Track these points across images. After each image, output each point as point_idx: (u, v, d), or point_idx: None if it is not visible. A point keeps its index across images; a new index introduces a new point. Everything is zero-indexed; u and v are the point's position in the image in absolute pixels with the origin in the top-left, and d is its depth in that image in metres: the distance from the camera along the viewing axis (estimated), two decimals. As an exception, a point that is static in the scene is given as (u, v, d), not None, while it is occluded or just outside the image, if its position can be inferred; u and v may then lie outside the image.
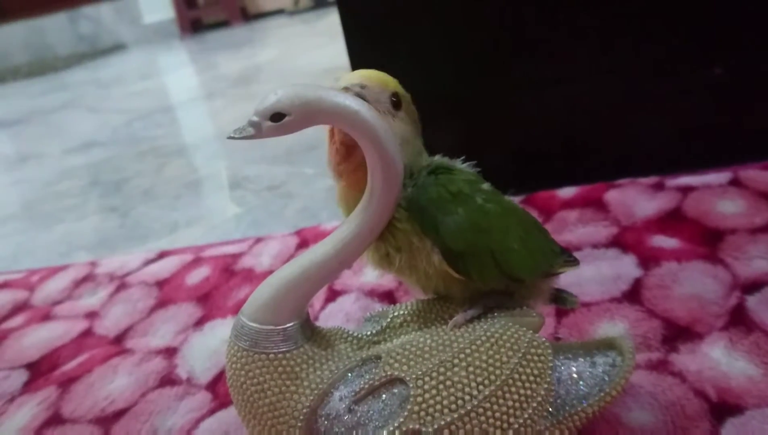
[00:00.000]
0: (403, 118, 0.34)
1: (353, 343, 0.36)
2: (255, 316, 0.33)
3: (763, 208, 0.58)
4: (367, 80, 0.33)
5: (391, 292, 0.57)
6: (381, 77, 0.34)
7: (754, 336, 0.43)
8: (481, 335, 0.33)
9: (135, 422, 0.48)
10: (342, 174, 0.34)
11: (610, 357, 0.36)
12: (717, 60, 0.67)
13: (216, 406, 0.48)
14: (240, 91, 1.69)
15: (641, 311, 0.48)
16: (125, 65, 2.79)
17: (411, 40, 0.72)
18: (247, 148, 1.20)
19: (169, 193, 1.05)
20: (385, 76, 0.34)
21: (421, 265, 0.33)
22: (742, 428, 0.36)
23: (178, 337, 0.58)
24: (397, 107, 0.34)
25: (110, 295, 0.68)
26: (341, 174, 0.34)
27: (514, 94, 0.73)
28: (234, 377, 0.34)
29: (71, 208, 1.09)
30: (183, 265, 0.71)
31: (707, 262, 0.52)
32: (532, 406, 0.32)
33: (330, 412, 0.33)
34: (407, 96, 0.35)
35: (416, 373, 0.32)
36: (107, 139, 1.51)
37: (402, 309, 0.38)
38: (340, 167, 0.34)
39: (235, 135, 0.29)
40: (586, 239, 0.58)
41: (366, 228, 0.32)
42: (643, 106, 0.71)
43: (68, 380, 0.54)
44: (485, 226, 0.33)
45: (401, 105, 0.34)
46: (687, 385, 0.40)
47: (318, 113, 0.29)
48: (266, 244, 0.72)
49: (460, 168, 0.35)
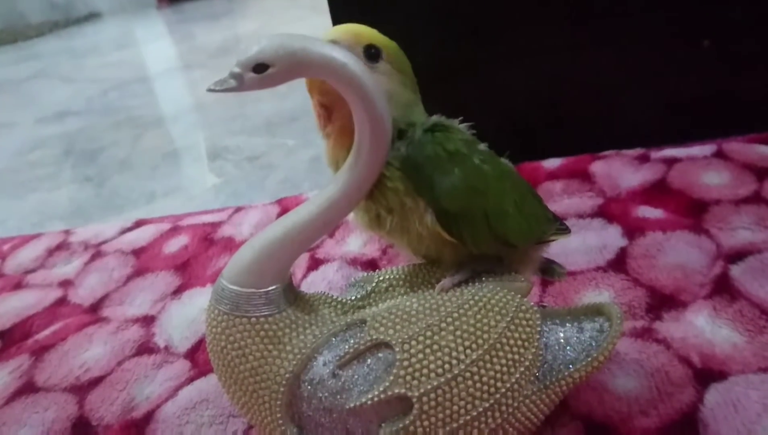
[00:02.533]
0: (386, 70, 0.32)
1: (337, 308, 0.35)
2: (236, 278, 0.32)
3: (747, 180, 0.58)
4: (337, 35, 0.31)
5: (375, 260, 0.56)
6: (353, 30, 0.32)
7: (738, 304, 0.43)
8: (469, 299, 0.33)
9: (111, 390, 0.47)
10: (329, 135, 0.33)
11: (597, 323, 0.36)
12: (705, 33, 0.67)
13: (195, 375, 0.47)
14: (219, 63, 1.65)
15: (626, 280, 0.48)
16: (100, 35, 2.70)
17: (397, 10, 0.70)
18: (227, 119, 1.17)
19: (146, 164, 1.02)
20: (358, 27, 0.32)
21: (413, 227, 0.32)
22: (726, 393, 0.36)
23: (156, 305, 0.56)
24: (374, 59, 0.32)
25: (85, 264, 0.66)
26: (328, 136, 0.33)
27: (500, 65, 0.71)
28: (214, 342, 0.33)
29: (44, 177, 1.05)
30: (160, 234, 0.69)
31: (692, 233, 0.51)
32: (520, 371, 0.32)
33: (313, 377, 0.32)
34: (392, 47, 0.33)
35: (402, 337, 0.31)
36: (81, 108, 1.46)
37: (388, 274, 0.37)
38: (326, 130, 0.33)
39: (215, 87, 0.28)
40: (571, 210, 0.58)
41: (353, 187, 0.31)
42: (630, 79, 0.70)
43: (41, 349, 0.53)
44: (481, 188, 0.32)
45: (379, 56, 0.32)
46: (671, 352, 0.40)
47: (303, 65, 0.28)
48: (246, 213, 0.70)
49: (458, 127, 0.33)
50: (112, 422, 0.44)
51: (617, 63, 0.70)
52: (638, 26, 0.68)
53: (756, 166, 0.59)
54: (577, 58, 0.69)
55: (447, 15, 0.71)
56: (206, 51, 1.84)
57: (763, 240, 0.49)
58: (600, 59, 0.69)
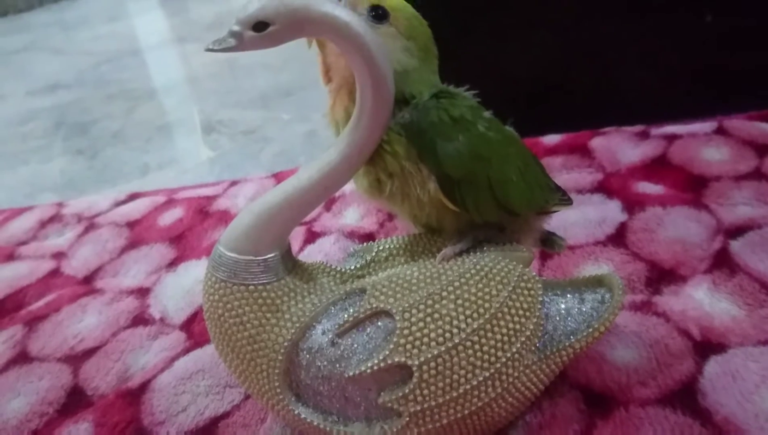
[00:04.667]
0: (389, 33, 0.31)
1: (336, 277, 0.35)
2: (234, 245, 0.32)
3: (747, 156, 0.57)
4: None
5: (372, 233, 0.56)
6: None
7: (738, 278, 0.43)
8: (471, 268, 0.32)
9: (106, 361, 0.46)
10: (330, 93, 0.32)
11: (598, 294, 0.36)
12: (708, 8, 0.66)
13: (191, 346, 0.46)
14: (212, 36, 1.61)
15: (626, 254, 0.47)
16: (91, 7, 2.65)
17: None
18: (222, 92, 1.16)
19: (140, 136, 1.01)
20: None
21: (414, 193, 0.32)
22: (726, 365, 0.36)
23: (151, 277, 0.56)
24: (379, 19, 0.31)
25: (78, 236, 0.65)
26: (330, 93, 0.32)
27: (500, 40, 0.70)
28: (211, 310, 0.32)
29: (36, 149, 1.04)
30: (155, 207, 0.68)
31: (692, 208, 0.51)
32: (521, 341, 0.32)
33: (312, 345, 0.31)
34: (405, 11, 0.32)
35: (403, 305, 0.31)
36: (73, 81, 1.44)
37: (388, 243, 0.37)
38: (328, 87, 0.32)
39: (214, 47, 0.27)
40: (571, 185, 0.57)
41: (354, 150, 0.30)
42: (631, 54, 0.69)
43: (35, 319, 0.52)
44: (485, 155, 0.31)
45: (385, 18, 0.31)
46: (671, 325, 0.40)
47: (304, 23, 0.27)
48: (242, 186, 0.69)
49: (463, 94, 0.33)
50: (108, 391, 0.43)
51: (618, 39, 0.69)
52: (640, 1, 0.67)
53: (756, 143, 0.59)
54: (578, 34, 0.68)
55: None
56: (200, 24, 1.81)
57: (762, 215, 0.49)
58: (600, 36, 0.68)
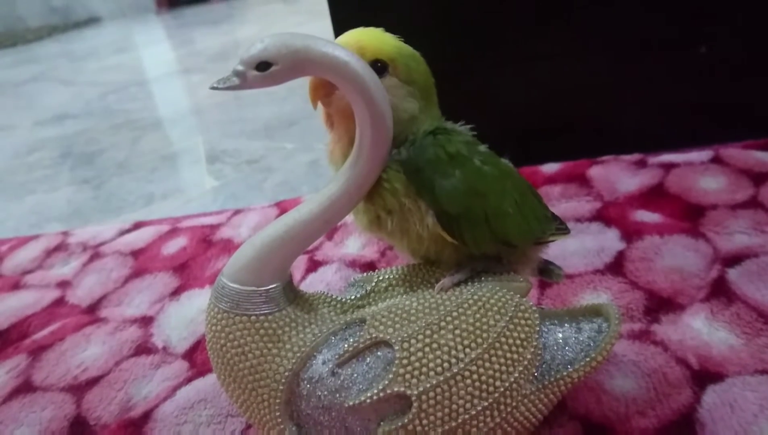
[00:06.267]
0: (391, 84, 0.32)
1: (337, 307, 0.36)
2: (236, 276, 0.32)
3: (743, 185, 0.58)
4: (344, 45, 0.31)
5: (373, 262, 0.56)
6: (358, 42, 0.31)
7: (735, 307, 0.43)
8: (469, 298, 0.33)
9: (109, 390, 0.47)
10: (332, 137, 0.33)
11: (596, 323, 0.36)
12: (702, 39, 0.67)
13: (193, 375, 0.47)
14: (218, 67, 1.65)
15: (624, 283, 0.48)
16: (99, 39, 2.71)
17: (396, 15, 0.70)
18: (226, 122, 1.17)
19: (145, 166, 1.02)
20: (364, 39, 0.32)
21: (414, 229, 0.32)
22: (723, 394, 0.37)
23: (154, 306, 0.56)
24: (381, 73, 0.31)
25: (83, 265, 0.66)
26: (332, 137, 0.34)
27: (499, 70, 0.72)
28: (214, 340, 0.33)
29: (42, 179, 1.05)
30: (159, 236, 0.69)
31: (689, 236, 0.52)
32: (519, 370, 0.32)
33: (313, 375, 0.32)
34: (402, 55, 0.32)
35: (402, 335, 0.31)
36: (80, 111, 1.46)
37: (387, 273, 0.37)
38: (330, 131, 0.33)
39: (218, 85, 0.28)
40: (569, 213, 0.58)
41: (354, 185, 0.31)
42: (627, 85, 0.70)
43: (39, 348, 0.52)
44: (482, 190, 0.32)
45: (385, 71, 0.32)
46: (669, 354, 0.40)
47: (306, 63, 0.28)
48: (245, 215, 0.70)
49: (459, 130, 0.34)
50: (110, 421, 0.44)
51: (615, 69, 0.70)
52: (636, 32, 0.68)
53: (753, 172, 0.60)
54: (575, 64, 0.70)
55: (446, 21, 0.71)
56: (205, 55, 1.84)
57: (759, 244, 0.50)
58: (598, 65, 0.70)
